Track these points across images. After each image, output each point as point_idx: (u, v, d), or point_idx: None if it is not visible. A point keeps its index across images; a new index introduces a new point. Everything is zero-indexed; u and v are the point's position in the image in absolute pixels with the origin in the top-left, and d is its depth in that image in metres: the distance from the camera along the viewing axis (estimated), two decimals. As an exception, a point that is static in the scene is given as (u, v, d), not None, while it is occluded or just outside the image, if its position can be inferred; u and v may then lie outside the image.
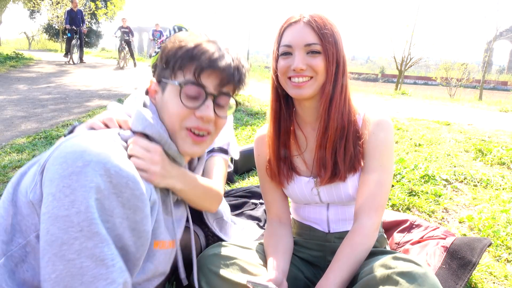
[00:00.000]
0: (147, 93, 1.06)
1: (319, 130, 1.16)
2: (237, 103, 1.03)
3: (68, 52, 12.21)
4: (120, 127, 0.98)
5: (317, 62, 1.08)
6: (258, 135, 1.34)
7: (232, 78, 0.96)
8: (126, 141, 0.92)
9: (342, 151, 1.15)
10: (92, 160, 0.76)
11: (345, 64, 1.14)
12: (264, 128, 1.32)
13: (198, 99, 0.94)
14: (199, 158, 1.18)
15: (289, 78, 1.12)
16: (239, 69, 0.98)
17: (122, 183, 0.78)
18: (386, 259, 0.99)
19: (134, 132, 0.96)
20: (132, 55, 13.04)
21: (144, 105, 1.02)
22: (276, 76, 1.17)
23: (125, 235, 0.79)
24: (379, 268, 0.97)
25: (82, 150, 0.77)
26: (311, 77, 1.10)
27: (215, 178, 1.26)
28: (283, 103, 1.22)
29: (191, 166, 1.16)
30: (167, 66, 0.97)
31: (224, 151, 1.36)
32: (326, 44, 1.08)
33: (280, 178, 1.27)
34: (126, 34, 12.68)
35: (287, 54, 1.11)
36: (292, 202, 1.39)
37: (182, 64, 0.94)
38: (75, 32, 11.54)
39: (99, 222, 0.75)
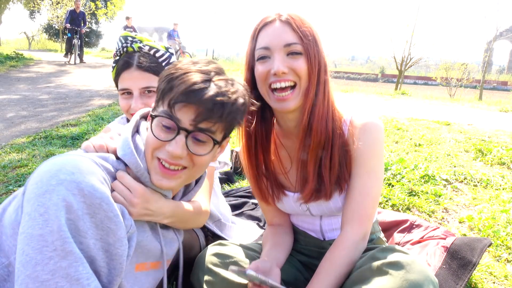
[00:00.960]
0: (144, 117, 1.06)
1: (300, 139, 1.06)
2: (216, 143, 0.92)
3: (68, 52, 12.20)
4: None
5: (299, 64, 0.98)
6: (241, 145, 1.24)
7: (211, 114, 0.86)
8: (114, 167, 0.92)
9: (328, 166, 1.06)
10: (66, 179, 0.75)
11: (326, 67, 1.05)
12: None
13: (171, 132, 0.89)
14: (197, 182, 1.13)
15: (271, 88, 1.01)
16: (223, 104, 0.87)
17: (95, 204, 0.77)
18: (374, 252, 0.98)
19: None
20: None
21: (138, 131, 1.01)
22: (251, 87, 1.05)
23: (98, 257, 0.78)
24: (368, 261, 0.97)
25: (58, 169, 0.77)
26: (295, 85, 1.01)
27: (199, 195, 1.23)
28: (259, 116, 1.10)
29: (188, 188, 1.13)
30: (156, 94, 0.95)
31: None
32: (307, 43, 0.98)
33: (267, 198, 1.19)
34: None
35: (265, 58, 1.00)
36: None
37: (163, 93, 0.90)
38: (75, 32, 11.48)
39: (72, 240, 0.74)
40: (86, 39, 22.76)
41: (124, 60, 1.27)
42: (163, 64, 1.30)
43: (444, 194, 2.37)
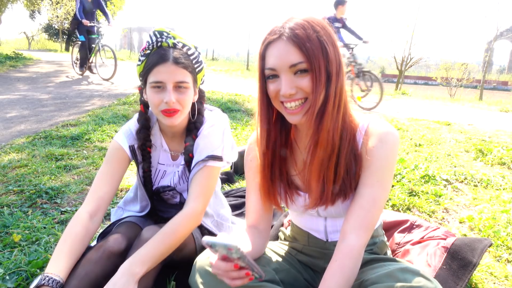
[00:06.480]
0: None
1: (308, 148, 1.04)
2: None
3: (84, 63, 8.04)
4: None
5: (305, 82, 0.97)
6: (253, 138, 1.22)
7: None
8: None
9: (332, 173, 1.04)
10: None
11: (338, 75, 1.01)
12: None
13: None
14: (196, 127, 1.43)
15: (282, 102, 1.02)
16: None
17: None
18: (393, 271, 0.95)
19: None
20: None
21: None
22: (266, 96, 1.06)
23: None
24: (385, 279, 0.93)
25: None
26: (305, 99, 1.00)
27: (191, 195, 1.32)
28: (276, 113, 1.10)
29: (191, 132, 1.41)
30: None
31: (216, 158, 1.35)
32: (313, 59, 0.96)
33: (276, 201, 1.17)
34: None
35: (274, 76, 1.00)
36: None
37: None
38: (92, 33, 7.84)
39: None
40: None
41: (160, 54, 1.28)
42: (193, 61, 1.35)
43: (445, 194, 2.37)
